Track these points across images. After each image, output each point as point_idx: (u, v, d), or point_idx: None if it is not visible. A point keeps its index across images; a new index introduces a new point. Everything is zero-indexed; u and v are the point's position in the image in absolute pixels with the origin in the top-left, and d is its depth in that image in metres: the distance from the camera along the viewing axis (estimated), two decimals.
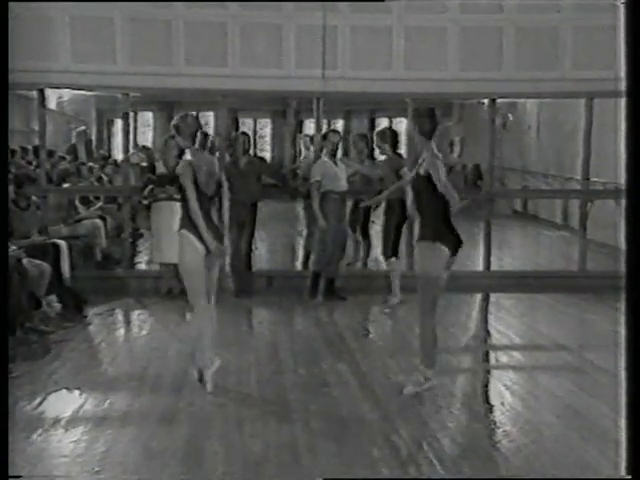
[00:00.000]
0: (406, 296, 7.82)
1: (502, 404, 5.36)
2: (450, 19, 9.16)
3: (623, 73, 3.28)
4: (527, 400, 5.47)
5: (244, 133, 9.46)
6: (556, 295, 8.91)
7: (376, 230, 9.66)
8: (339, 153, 8.98)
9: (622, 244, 3.45)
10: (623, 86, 3.30)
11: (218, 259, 5.59)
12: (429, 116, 6.10)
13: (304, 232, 9.64)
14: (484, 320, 8.39)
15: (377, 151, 8.95)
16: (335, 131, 9.23)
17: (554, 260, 11.50)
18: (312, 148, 9.38)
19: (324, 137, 8.85)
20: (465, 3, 9.15)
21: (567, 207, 13.73)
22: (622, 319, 3.38)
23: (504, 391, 5.66)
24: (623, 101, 3.40)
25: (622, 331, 3.38)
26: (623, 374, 3.29)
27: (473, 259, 10.37)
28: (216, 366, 5.51)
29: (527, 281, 9.38)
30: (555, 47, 9.17)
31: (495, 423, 4.99)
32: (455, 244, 5.36)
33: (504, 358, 6.77)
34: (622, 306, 3.46)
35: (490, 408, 5.35)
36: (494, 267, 9.72)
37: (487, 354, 6.95)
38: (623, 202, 4.09)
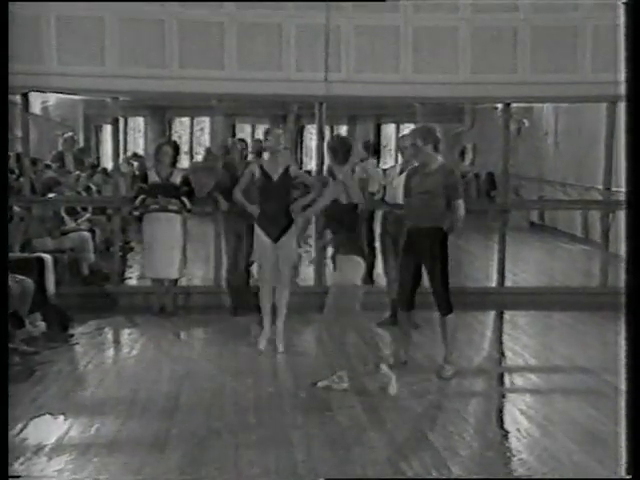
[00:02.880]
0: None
1: (518, 430, 5.35)
2: (462, 19, 9.19)
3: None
4: (544, 426, 5.46)
5: (241, 140, 9.50)
6: (575, 313, 8.90)
7: None
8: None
9: None
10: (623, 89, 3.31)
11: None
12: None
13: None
14: (498, 340, 8.37)
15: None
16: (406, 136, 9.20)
17: (573, 275, 11.49)
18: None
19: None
20: (478, 2, 9.18)
21: (587, 219, 13.73)
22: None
23: (520, 416, 5.66)
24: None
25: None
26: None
27: (486, 274, 10.37)
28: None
29: (544, 298, 9.37)
30: (574, 48, 9.19)
31: (510, 450, 4.98)
32: None
33: (520, 381, 6.76)
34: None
35: (505, 434, 5.33)
36: (509, 283, 9.71)
37: (501, 376, 6.93)
38: None
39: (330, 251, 7.68)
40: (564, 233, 14.96)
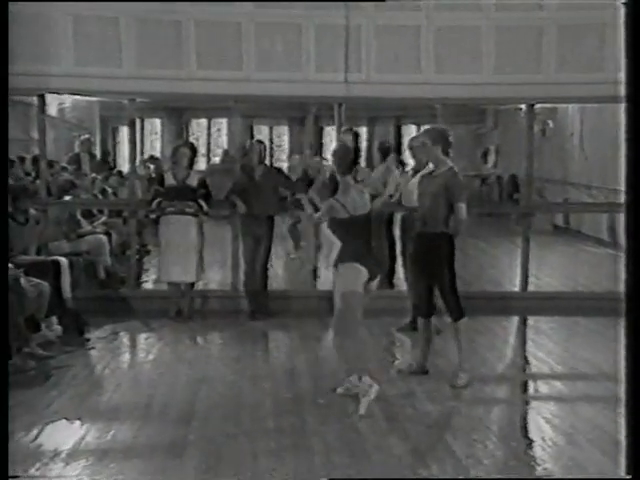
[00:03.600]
0: None
1: (542, 439, 5.32)
2: (485, 17, 9.16)
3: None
4: (570, 435, 5.42)
5: (259, 141, 9.52)
6: (601, 319, 8.83)
7: None
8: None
9: None
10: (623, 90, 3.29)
11: None
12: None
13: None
14: (522, 346, 8.33)
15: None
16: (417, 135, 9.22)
17: (599, 280, 11.39)
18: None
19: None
20: (501, 1, 9.14)
21: (614, 222, 13.63)
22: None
23: (544, 425, 5.63)
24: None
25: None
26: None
27: (510, 279, 10.33)
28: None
29: (569, 303, 9.30)
30: (601, 47, 9.13)
31: (535, 460, 4.95)
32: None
33: (544, 388, 6.73)
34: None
35: (529, 443, 5.30)
36: (532, 287, 9.66)
37: (525, 384, 6.91)
38: None
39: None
40: (589, 236, 14.86)
